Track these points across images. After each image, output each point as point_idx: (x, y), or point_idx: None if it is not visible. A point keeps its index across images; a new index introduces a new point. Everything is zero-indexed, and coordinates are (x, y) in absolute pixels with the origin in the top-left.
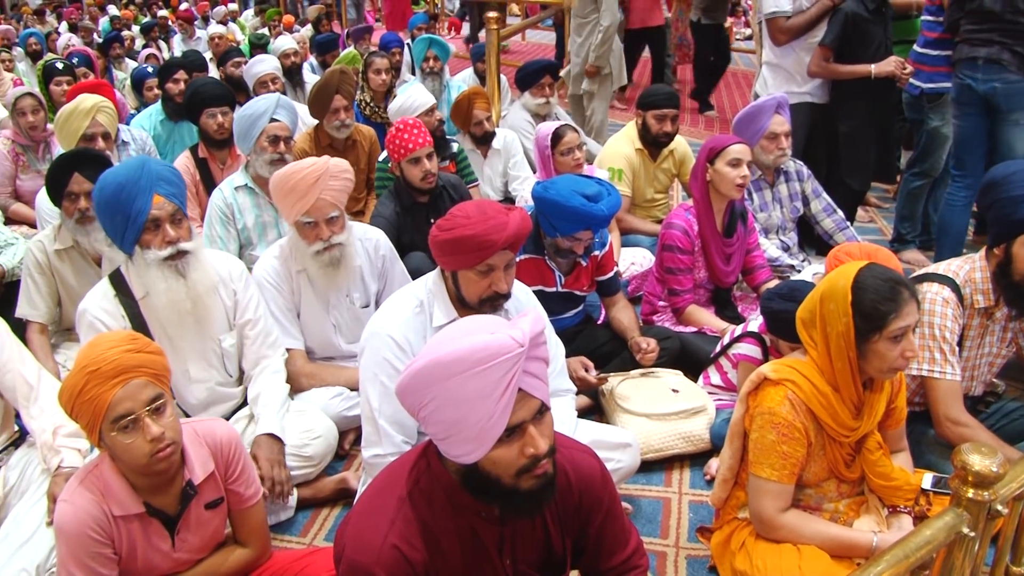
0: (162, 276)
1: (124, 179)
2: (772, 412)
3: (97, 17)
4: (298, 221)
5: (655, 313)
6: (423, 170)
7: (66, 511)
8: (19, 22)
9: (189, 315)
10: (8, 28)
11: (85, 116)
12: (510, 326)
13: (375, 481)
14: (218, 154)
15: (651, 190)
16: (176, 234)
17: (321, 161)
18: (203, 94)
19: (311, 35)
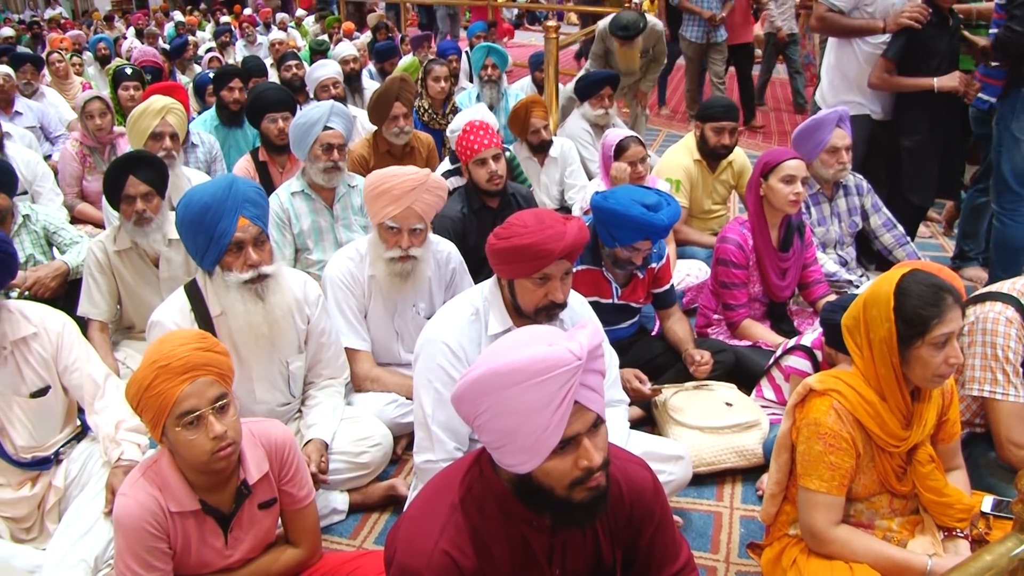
0: (241, 299)
1: (211, 199)
2: (818, 423)
3: (163, 23)
4: (382, 224)
5: (710, 326)
6: (489, 171)
7: (125, 504)
8: (89, 27)
9: (265, 339)
10: (79, 33)
11: (155, 116)
12: (568, 338)
13: (428, 486)
14: (278, 158)
15: (709, 202)
16: (258, 257)
17: (422, 172)
18: (265, 99)
19: (370, 42)
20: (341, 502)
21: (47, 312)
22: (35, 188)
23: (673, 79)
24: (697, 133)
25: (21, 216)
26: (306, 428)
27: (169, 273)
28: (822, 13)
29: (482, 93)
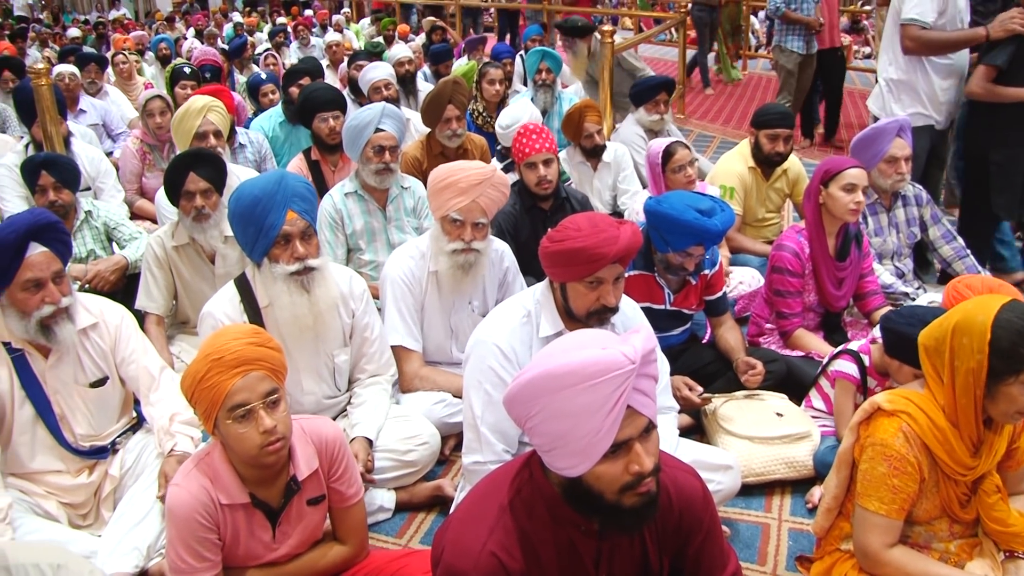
0: (287, 290)
1: (261, 192)
2: (884, 444)
3: (222, 24)
4: (446, 216)
5: (762, 335)
6: (538, 175)
7: (177, 494)
8: (151, 28)
9: (309, 330)
10: (142, 34)
11: (197, 115)
12: (622, 342)
13: (477, 488)
14: (330, 157)
15: (762, 209)
16: (305, 251)
17: (488, 168)
18: (315, 99)
19: (425, 44)
20: (388, 500)
21: (106, 304)
22: (97, 184)
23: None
24: (751, 140)
25: (83, 212)
26: (351, 427)
27: (225, 269)
28: (915, 34)
29: (536, 97)
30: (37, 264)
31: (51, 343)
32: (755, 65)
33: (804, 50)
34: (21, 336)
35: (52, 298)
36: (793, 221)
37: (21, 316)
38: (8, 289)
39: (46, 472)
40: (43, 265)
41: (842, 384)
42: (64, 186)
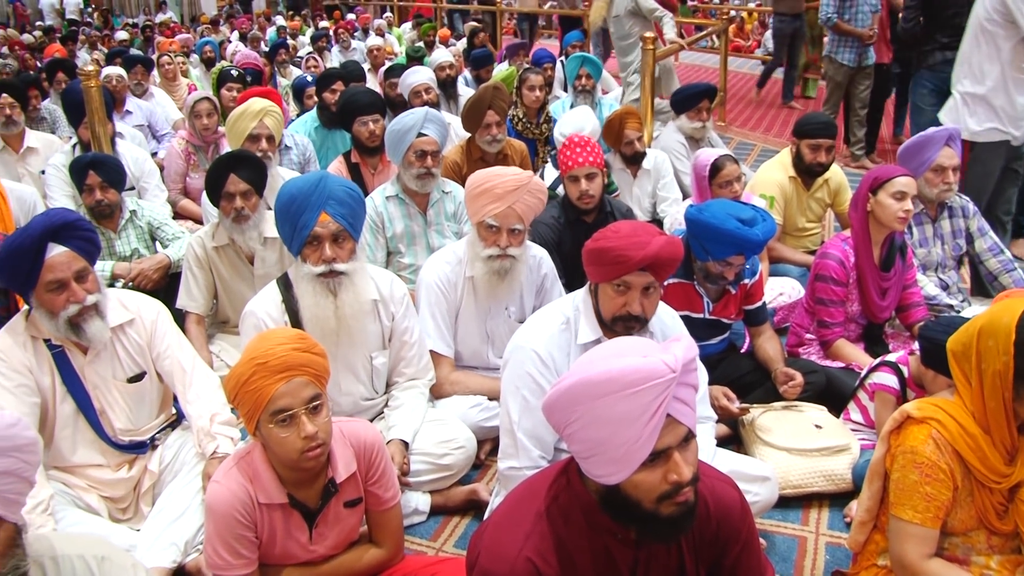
0: (312, 291)
1: (297, 192)
2: (915, 451)
3: (265, 27)
4: (482, 222)
5: (801, 345)
6: (579, 190)
7: (217, 492)
8: (195, 31)
9: (332, 333)
10: (187, 36)
11: (253, 118)
12: (663, 350)
13: (513, 493)
14: (370, 160)
15: (803, 219)
16: (334, 254)
17: (525, 174)
18: (356, 103)
19: (466, 49)
20: (423, 503)
21: (143, 300)
22: (142, 184)
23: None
24: (793, 150)
25: (128, 211)
26: (387, 429)
27: (263, 270)
28: None
29: (576, 103)
30: (58, 265)
31: (82, 340)
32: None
33: (855, 62)
34: (53, 334)
35: (76, 297)
36: (834, 231)
37: (50, 316)
38: (35, 291)
39: (87, 466)
40: (64, 265)
41: (881, 396)
42: (110, 186)
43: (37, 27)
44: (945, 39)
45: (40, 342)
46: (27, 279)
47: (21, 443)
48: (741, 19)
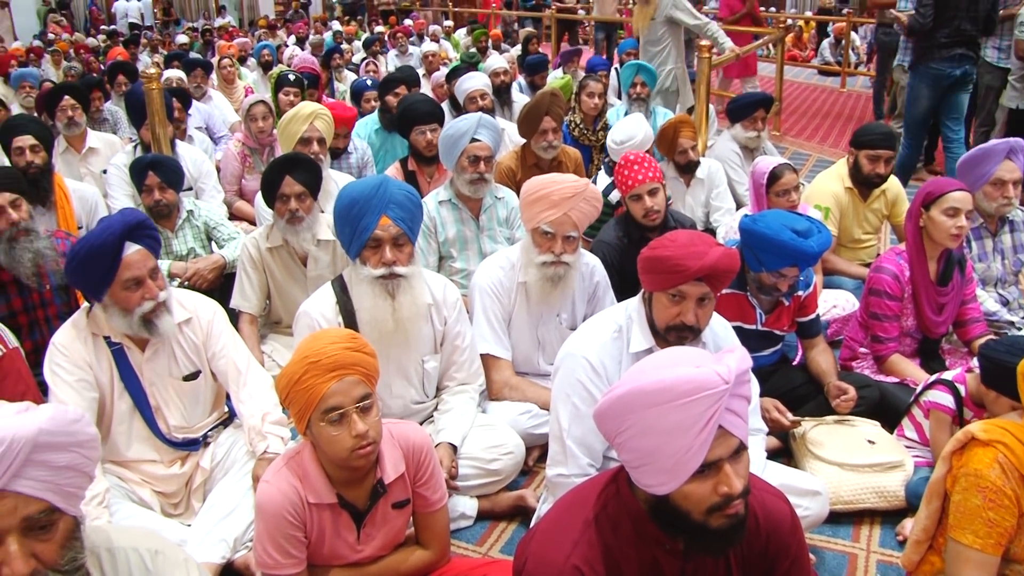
0: (371, 293)
1: (359, 195)
2: (979, 475)
3: (321, 31)
4: (537, 228)
5: (855, 359)
6: (644, 207)
7: (267, 491)
8: (254, 35)
9: (390, 335)
10: (245, 40)
11: (304, 121)
12: (716, 361)
13: (562, 500)
14: (426, 168)
15: (859, 231)
16: (393, 257)
17: (582, 181)
18: (414, 111)
19: (520, 55)
20: (470, 508)
21: (200, 300)
22: (199, 185)
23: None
24: (850, 160)
25: (185, 211)
26: (436, 432)
27: (316, 272)
28: None
29: (630, 111)
30: (135, 263)
31: (153, 336)
32: (854, 83)
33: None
34: (124, 331)
35: (151, 294)
36: (891, 244)
37: (124, 313)
38: (110, 289)
39: (141, 461)
40: (140, 263)
41: (937, 416)
42: (169, 186)
43: (101, 31)
44: (944, 39)
45: (100, 339)
46: (104, 277)
47: (83, 439)
48: (799, 28)
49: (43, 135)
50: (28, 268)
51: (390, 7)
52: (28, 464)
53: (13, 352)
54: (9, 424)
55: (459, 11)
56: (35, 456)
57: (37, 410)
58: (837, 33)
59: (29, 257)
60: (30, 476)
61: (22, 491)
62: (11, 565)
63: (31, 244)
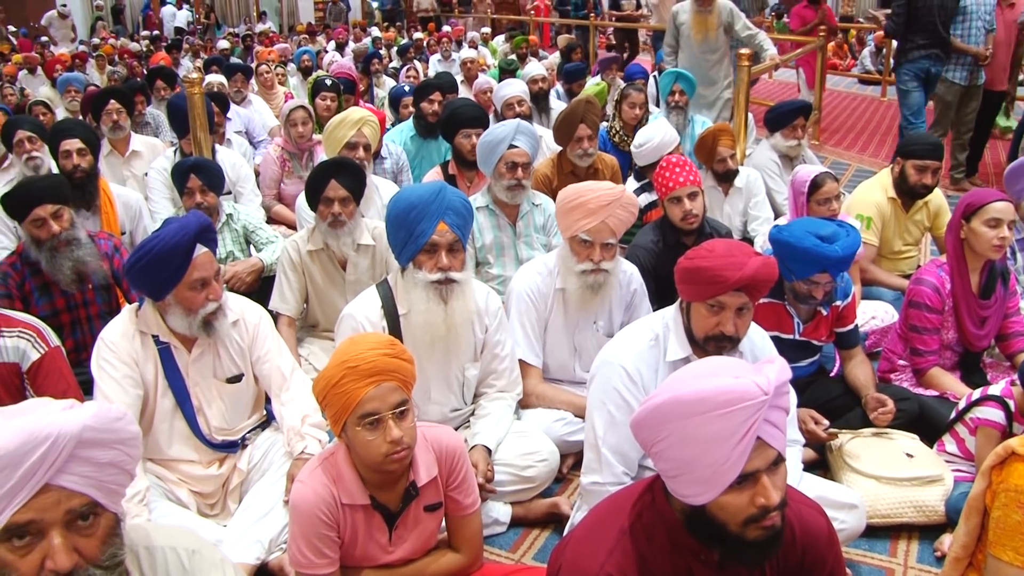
0: (425, 297)
1: (417, 200)
2: (1020, 490)
3: (361, 38)
4: (575, 237)
5: (894, 371)
6: (683, 210)
7: (302, 492)
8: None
9: (441, 340)
10: (285, 46)
11: (352, 126)
12: (755, 372)
13: (597, 509)
14: (467, 173)
15: (900, 242)
16: (449, 263)
17: (617, 188)
18: (460, 116)
19: (559, 63)
20: (503, 514)
21: (247, 304)
22: (238, 189)
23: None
24: (896, 170)
25: (225, 215)
26: (472, 436)
27: (355, 276)
28: None
29: (668, 119)
30: (203, 264)
31: (210, 336)
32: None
33: (967, 81)
34: (183, 331)
35: (215, 295)
36: (931, 255)
37: (187, 313)
38: (176, 288)
39: (181, 461)
40: (208, 265)
41: (985, 432)
42: (210, 189)
43: (144, 36)
44: (922, 40)
45: (148, 337)
46: (172, 276)
47: (125, 437)
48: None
49: (90, 139)
50: (68, 276)
51: (428, 14)
52: (72, 460)
53: (55, 351)
54: (55, 420)
55: (498, 18)
56: (79, 452)
57: (82, 407)
58: (878, 42)
59: (69, 265)
60: (73, 471)
61: (66, 486)
62: (55, 558)
63: (71, 253)
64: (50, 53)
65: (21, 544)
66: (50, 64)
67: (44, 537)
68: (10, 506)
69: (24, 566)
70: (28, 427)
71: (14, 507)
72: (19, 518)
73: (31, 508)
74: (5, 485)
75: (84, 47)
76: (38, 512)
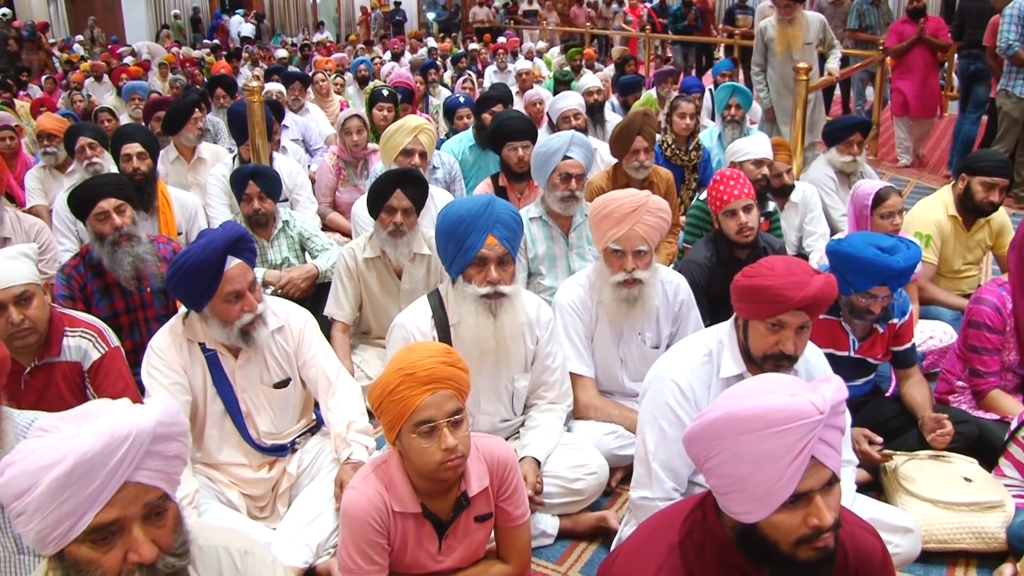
0: (474, 311)
1: (466, 213)
2: None
3: (417, 48)
4: (607, 248)
5: (952, 393)
6: (738, 223)
7: (354, 498)
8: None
9: (490, 353)
10: (342, 55)
11: (408, 134)
12: (811, 390)
13: (647, 523)
14: (517, 185)
15: (960, 261)
16: (498, 276)
17: (642, 194)
18: (507, 127)
19: (614, 75)
20: (551, 526)
21: (292, 308)
22: (294, 196)
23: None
24: (960, 186)
25: (281, 221)
26: (521, 447)
27: (410, 286)
28: None
29: (724, 132)
30: (235, 277)
31: (249, 346)
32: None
33: None
34: (223, 341)
35: (250, 307)
36: (992, 275)
37: (224, 324)
38: (211, 301)
39: (231, 464)
40: (240, 277)
41: None
42: (268, 196)
43: (205, 45)
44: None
45: (195, 345)
46: (206, 290)
47: (184, 428)
48: None
49: (149, 144)
50: (127, 272)
51: (484, 25)
52: (147, 455)
53: (114, 351)
54: (130, 419)
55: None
56: (153, 447)
57: (146, 404)
58: None
59: (129, 261)
60: (148, 466)
61: (142, 481)
62: (139, 551)
63: (132, 249)
64: (117, 61)
65: (103, 541)
66: (116, 72)
67: (124, 533)
68: (95, 506)
69: (108, 562)
70: (108, 428)
71: (98, 506)
72: (104, 517)
73: (114, 506)
74: (91, 486)
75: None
76: (121, 509)
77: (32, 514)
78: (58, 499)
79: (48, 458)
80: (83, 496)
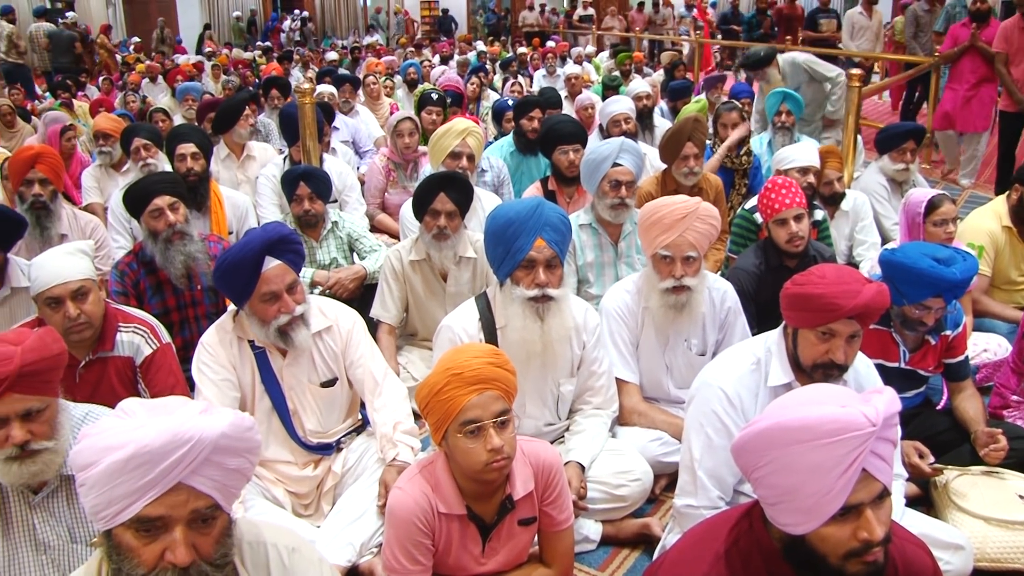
0: (522, 314)
1: (515, 216)
2: None
3: (466, 51)
4: (655, 254)
5: (1006, 407)
6: (789, 232)
7: (400, 498)
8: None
9: (537, 356)
10: (392, 59)
11: (456, 136)
12: (863, 402)
13: (693, 531)
14: (566, 189)
15: (1015, 272)
16: (546, 279)
17: (693, 201)
18: (558, 131)
19: (663, 80)
20: (594, 532)
21: (341, 309)
22: (343, 197)
23: None
24: (1014, 196)
25: (330, 222)
26: (566, 452)
27: (455, 288)
28: None
29: (774, 139)
30: (272, 278)
31: (288, 347)
32: None
33: None
34: (261, 339)
35: (287, 308)
36: None
37: (261, 323)
38: (250, 300)
39: (277, 461)
40: (278, 279)
41: None
42: (318, 197)
43: (258, 47)
44: None
45: (245, 342)
46: (244, 288)
47: (252, 446)
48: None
49: (203, 144)
50: (179, 269)
51: (534, 29)
52: (206, 463)
53: (165, 347)
54: (198, 423)
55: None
56: (213, 456)
57: (220, 413)
58: None
59: (181, 259)
60: (204, 474)
61: (195, 486)
62: (175, 552)
63: (184, 247)
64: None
65: (146, 533)
66: (171, 74)
67: (167, 530)
68: (144, 498)
69: (146, 554)
70: (173, 427)
71: (147, 500)
72: (150, 512)
73: (162, 504)
74: (144, 479)
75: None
76: (168, 508)
77: (90, 488)
78: (112, 482)
79: (114, 440)
80: (135, 486)
